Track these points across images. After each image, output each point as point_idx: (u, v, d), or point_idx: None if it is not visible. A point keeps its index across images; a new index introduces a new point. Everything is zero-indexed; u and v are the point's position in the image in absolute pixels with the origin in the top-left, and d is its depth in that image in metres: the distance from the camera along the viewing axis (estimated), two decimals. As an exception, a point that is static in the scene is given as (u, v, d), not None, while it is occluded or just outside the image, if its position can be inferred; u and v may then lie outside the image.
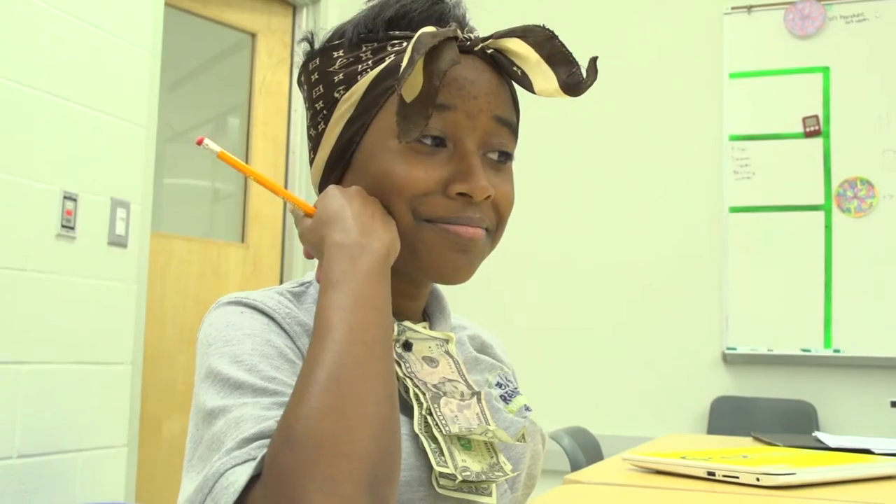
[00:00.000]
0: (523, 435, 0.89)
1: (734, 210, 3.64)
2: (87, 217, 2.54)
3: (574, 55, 0.83)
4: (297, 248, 3.72)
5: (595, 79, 0.82)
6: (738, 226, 3.63)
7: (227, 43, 3.68)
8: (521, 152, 0.94)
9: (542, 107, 1.48)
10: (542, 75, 0.83)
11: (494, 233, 0.88)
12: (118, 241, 2.65)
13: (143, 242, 2.81)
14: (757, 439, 1.94)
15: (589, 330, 3.76)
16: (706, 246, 3.67)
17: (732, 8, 3.72)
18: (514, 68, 0.84)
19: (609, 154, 3.84)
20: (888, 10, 3.53)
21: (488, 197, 0.83)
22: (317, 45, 0.90)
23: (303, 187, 3.75)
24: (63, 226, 2.45)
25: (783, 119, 3.62)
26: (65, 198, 2.46)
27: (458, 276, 0.85)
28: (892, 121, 3.49)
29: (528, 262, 3.81)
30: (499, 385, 0.97)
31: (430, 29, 0.80)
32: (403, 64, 0.78)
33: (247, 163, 3.85)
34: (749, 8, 3.70)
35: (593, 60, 0.83)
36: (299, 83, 0.93)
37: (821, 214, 3.53)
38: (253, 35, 3.70)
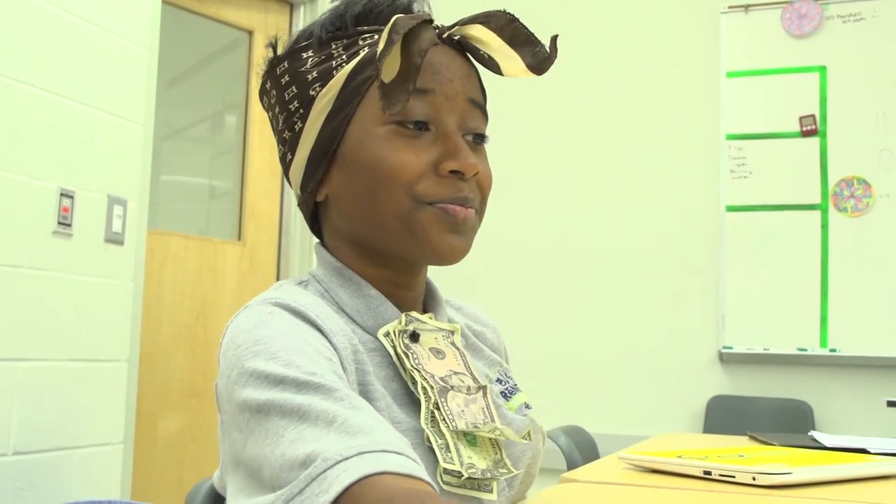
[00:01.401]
0: (528, 433, 0.89)
1: (731, 209, 3.64)
2: (84, 214, 2.53)
3: (536, 35, 0.86)
4: (294, 245, 3.72)
5: (556, 56, 0.85)
6: (735, 225, 3.63)
7: (224, 40, 3.68)
8: (518, 152, 0.95)
9: (537, 104, 1.47)
10: (507, 57, 0.86)
11: (480, 211, 0.90)
12: (115, 239, 2.64)
13: (140, 240, 2.81)
14: (753, 438, 1.94)
15: (585, 328, 3.76)
16: (703, 245, 3.68)
17: (729, 7, 3.72)
18: (482, 53, 0.88)
19: (606, 153, 3.84)
20: (885, 9, 3.54)
21: (476, 174, 0.87)
22: (280, 50, 0.92)
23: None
24: (60, 223, 2.45)
25: (780, 118, 3.62)
26: (61, 195, 2.46)
27: (454, 255, 0.87)
28: (889, 120, 3.49)
29: (523, 259, 3.81)
30: (499, 381, 0.98)
31: (399, 15, 0.83)
32: (381, 46, 0.80)
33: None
34: (746, 7, 3.70)
35: (554, 38, 0.86)
36: (263, 90, 0.93)
37: (817, 214, 3.54)
38: (250, 33, 3.69)
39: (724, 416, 3.52)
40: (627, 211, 3.78)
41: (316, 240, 0.96)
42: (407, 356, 0.84)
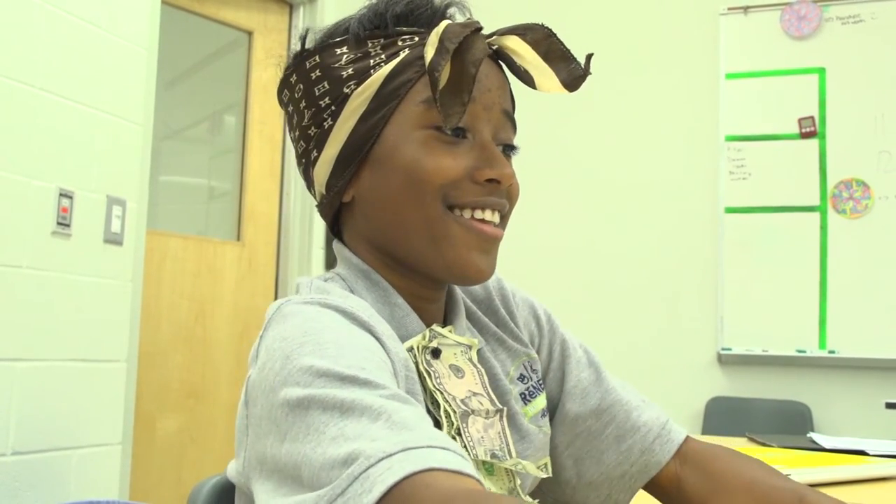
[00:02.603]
0: (546, 465, 0.88)
1: (730, 210, 3.65)
2: (83, 214, 2.53)
3: (571, 52, 0.85)
4: (293, 246, 3.72)
5: (589, 73, 0.85)
6: (734, 226, 3.64)
7: (223, 41, 3.68)
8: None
9: (537, 105, 1.48)
10: (541, 72, 0.85)
11: (503, 223, 0.89)
12: (114, 239, 2.64)
13: (139, 240, 2.81)
14: (752, 440, 1.94)
15: (584, 329, 3.74)
16: (702, 246, 3.68)
17: (729, 8, 3.72)
18: (517, 65, 0.87)
19: (605, 154, 3.84)
20: (884, 11, 3.54)
21: (511, 184, 0.86)
22: (311, 45, 0.89)
23: (298, 186, 3.75)
24: (59, 223, 2.45)
25: (779, 120, 3.62)
26: (61, 195, 2.46)
27: (480, 276, 0.86)
28: (888, 122, 3.50)
29: (521, 260, 3.81)
30: (521, 378, 0.95)
31: (448, 22, 0.83)
32: (431, 55, 0.80)
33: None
34: (745, 9, 3.70)
35: (589, 57, 0.85)
36: (286, 84, 0.91)
37: (816, 215, 3.54)
38: (249, 33, 3.69)
39: (722, 418, 3.52)
40: (626, 212, 3.78)
41: (335, 241, 0.93)
42: (429, 374, 0.82)
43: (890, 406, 2.62)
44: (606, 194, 3.81)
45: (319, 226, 3.70)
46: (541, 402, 0.95)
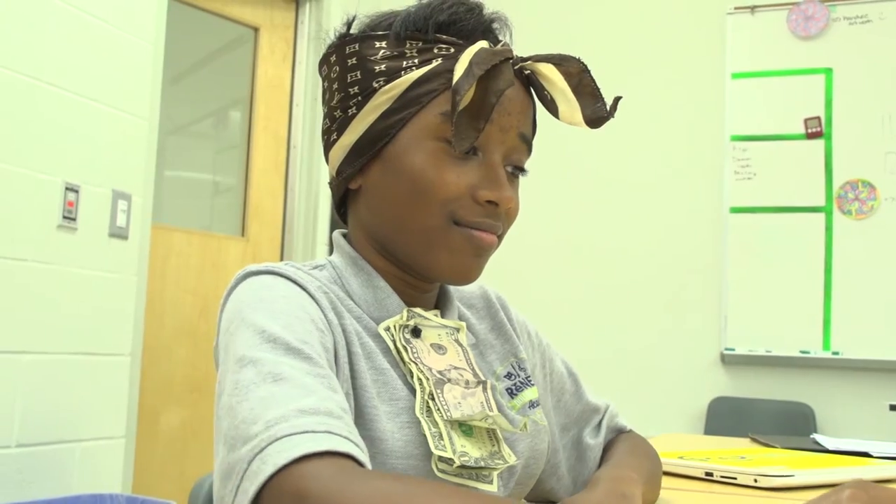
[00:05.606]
0: (525, 425, 0.90)
1: (735, 210, 3.64)
2: (89, 208, 2.54)
3: (601, 91, 0.88)
4: (297, 242, 3.72)
5: (614, 116, 0.88)
6: (739, 226, 3.63)
7: (229, 37, 3.68)
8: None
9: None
10: (569, 103, 0.88)
11: (500, 238, 0.92)
12: (119, 233, 2.65)
13: (144, 234, 2.81)
14: (754, 440, 1.93)
15: (587, 328, 3.76)
16: (706, 246, 3.67)
17: (735, 8, 3.72)
18: (545, 92, 0.89)
19: (610, 153, 3.84)
20: (892, 11, 3.53)
21: (509, 207, 0.89)
22: (356, 30, 0.92)
23: (303, 182, 3.75)
24: (64, 217, 2.45)
25: (785, 120, 3.62)
26: (66, 189, 2.46)
27: (469, 278, 0.90)
28: (895, 123, 3.49)
29: (525, 259, 3.81)
30: (508, 376, 0.99)
31: (484, 44, 0.85)
32: (458, 75, 0.82)
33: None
34: (752, 8, 3.70)
35: (616, 100, 0.88)
36: (326, 60, 0.94)
37: (821, 216, 3.53)
38: (255, 29, 3.69)
39: (725, 418, 3.52)
40: (631, 211, 3.78)
41: (336, 230, 0.98)
42: (406, 349, 0.86)
43: (894, 408, 2.62)
44: (611, 193, 3.81)
45: (324, 222, 3.70)
46: (529, 394, 0.99)
